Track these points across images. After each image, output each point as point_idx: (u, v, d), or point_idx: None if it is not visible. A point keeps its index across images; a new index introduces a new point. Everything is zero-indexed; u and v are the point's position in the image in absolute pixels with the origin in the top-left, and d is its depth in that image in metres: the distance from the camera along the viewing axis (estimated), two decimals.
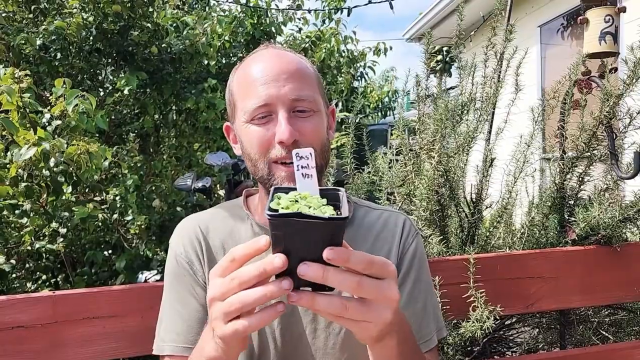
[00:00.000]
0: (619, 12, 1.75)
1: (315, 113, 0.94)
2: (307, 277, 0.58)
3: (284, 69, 0.92)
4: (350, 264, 0.59)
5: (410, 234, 1.06)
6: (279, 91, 0.90)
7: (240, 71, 0.99)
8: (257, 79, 0.92)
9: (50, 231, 2.07)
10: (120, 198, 2.15)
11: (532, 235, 1.77)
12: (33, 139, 1.44)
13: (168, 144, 3.69)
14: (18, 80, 1.54)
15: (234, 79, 1.01)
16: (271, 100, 0.90)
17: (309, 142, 0.91)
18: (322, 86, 1.02)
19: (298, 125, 0.91)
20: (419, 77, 1.91)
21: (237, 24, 3.68)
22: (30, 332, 1.19)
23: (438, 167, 1.63)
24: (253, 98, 0.91)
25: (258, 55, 0.99)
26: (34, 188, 1.65)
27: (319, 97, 0.97)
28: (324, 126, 0.98)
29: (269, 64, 0.94)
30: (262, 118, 0.91)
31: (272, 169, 0.92)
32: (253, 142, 0.93)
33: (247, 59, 1.00)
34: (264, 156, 0.92)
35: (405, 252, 1.04)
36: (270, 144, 0.91)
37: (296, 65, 0.95)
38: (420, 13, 7.59)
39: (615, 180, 1.71)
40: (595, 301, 1.62)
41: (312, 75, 0.98)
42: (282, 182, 0.91)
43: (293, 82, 0.92)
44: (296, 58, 0.98)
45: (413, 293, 1.02)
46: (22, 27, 2.69)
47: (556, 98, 1.74)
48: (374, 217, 1.07)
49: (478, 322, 1.38)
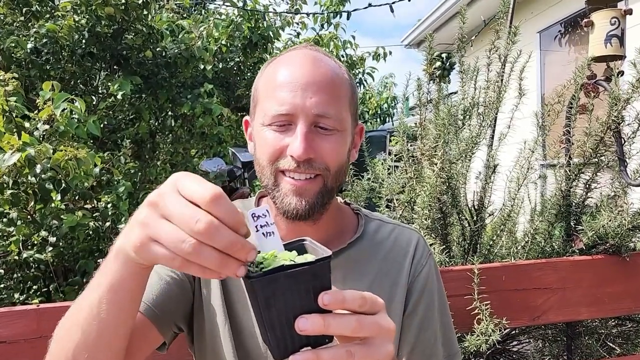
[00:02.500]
0: (625, 15, 1.71)
1: (339, 132, 0.87)
2: (307, 332, 0.53)
3: (315, 79, 0.85)
4: (346, 304, 0.55)
5: (423, 256, 1.00)
6: (304, 102, 0.83)
7: (271, 68, 0.91)
8: (285, 83, 0.85)
9: (39, 240, 2.00)
10: (112, 205, 2.09)
11: (537, 244, 1.71)
12: (17, 144, 1.38)
13: (164, 150, 3.64)
14: (4, 83, 1.48)
15: (263, 74, 0.93)
16: (294, 110, 0.83)
17: (324, 162, 0.85)
18: (356, 102, 0.94)
19: (316, 142, 0.84)
20: (420, 82, 1.86)
21: (234, 28, 3.64)
22: (13, 348, 1.13)
23: (440, 173, 1.58)
24: (276, 103, 0.84)
25: (294, 55, 0.90)
26: (20, 195, 1.59)
27: (347, 114, 0.89)
28: (346, 147, 0.90)
29: (301, 69, 0.86)
30: (281, 126, 0.85)
31: (278, 179, 0.87)
32: (265, 147, 0.86)
33: (282, 56, 0.93)
34: (272, 164, 0.86)
35: (417, 276, 0.98)
36: (282, 152, 0.85)
37: (330, 77, 0.87)
38: (419, 20, 7.59)
39: (623, 187, 1.66)
40: (604, 313, 1.57)
41: (346, 89, 0.90)
42: (285, 195, 0.86)
43: (322, 95, 0.84)
44: (333, 67, 0.89)
45: (424, 321, 0.97)
46: (12, 30, 2.64)
47: (561, 102, 1.69)
48: (386, 232, 1.01)
49: (483, 335, 1.33)
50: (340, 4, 4.41)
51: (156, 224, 0.53)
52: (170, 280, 0.89)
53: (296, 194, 0.85)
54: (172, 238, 0.51)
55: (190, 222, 0.50)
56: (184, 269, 0.52)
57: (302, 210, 0.86)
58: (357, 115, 0.96)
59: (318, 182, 0.86)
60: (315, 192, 0.86)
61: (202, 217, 0.50)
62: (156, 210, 0.53)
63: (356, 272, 0.95)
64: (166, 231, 0.52)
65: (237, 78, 3.79)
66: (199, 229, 0.49)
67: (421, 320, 0.97)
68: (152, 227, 0.53)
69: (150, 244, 0.54)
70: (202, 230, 0.49)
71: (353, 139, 0.94)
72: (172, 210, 0.52)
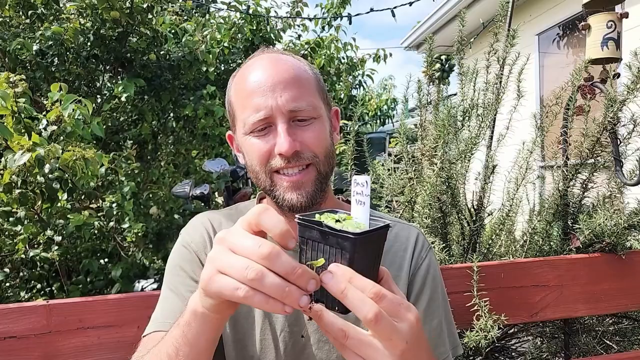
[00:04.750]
0: (621, 18, 1.74)
1: (316, 119, 0.92)
2: (328, 286, 0.56)
3: (280, 78, 0.90)
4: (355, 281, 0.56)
5: (424, 249, 1.04)
6: (276, 102, 0.88)
7: (238, 80, 0.96)
8: (254, 90, 0.90)
9: (44, 239, 2.03)
10: (117, 205, 2.12)
11: (535, 243, 1.74)
12: (27, 145, 1.41)
13: (166, 151, 3.67)
14: (13, 84, 1.51)
15: (231, 88, 0.98)
16: (269, 112, 0.88)
17: (311, 150, 0.90)
18: (324, 88, 1.00)
19: (298, 134, 0.89)
20: (420, 83, 1.89)
21: (237, 31, 3.68)
22: (23, 343, 1.16)
23: (440, 173, 1.61)
24: (251, 111, 0.89)
25: (255, 62, 0.95)
26: (28, 195, 1.62)
27: (319, 102, 0.94)
28: (327, 131, 0.95)
29: (265, 73, 0.91)
30: (262, 130, 0.90)
31: (274, 179, 0.91)
32: (254, 153, 0.92)
33: (244, 67, 0.98)
34: (264, 166, 0.91)
35: (418, 269, 1.02)
36: (271, 154, 0.90)
37: (293, 72, 0.92)
38: (418, 22, 7.62)
39: (619, 186, 1.69)
40: (600, 310, 1.59)
41: (310, 79, 0.95)
42: (285, 192, 0.90)
43: (290, 90, 0.89)
44: (293, 63, 0.95)
45: (427, 312, 1.00)
46: (18, 33, 2.67)
47: (559, 104, 1.72)
48: None
49: (482, 331, 1.35)
50: (341, 6, 4.45)
51: (222, 256, 0.56)
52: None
53: (294, 189, 0.90)
54: (236, 266, 0.54)
55: (253, 250, 0.53)
56: (248, 301, 0.54)
57: (304, 201, 0.91)
58: (329, 100, 1.01)
59: (311, 171, 0.91)
60: (312, 180, 0.91)
61: (264, 244, 0.53)
62: (223, 245, 0.57)
63: None
64: (231, 262, 0.55)
65: None
66: (262, 253, 0.53)
67: (425, 310, 1.00)
68: (218, 260, 0.57)
69: (217, 276, 0.57)
70: (265, 255, 0.53)
71: (331, 123, 0.99)
72: (236, 243, 0.56)
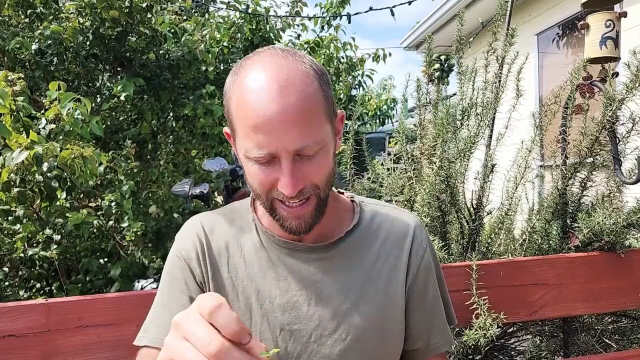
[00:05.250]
0: (619, 17, 1.75)
1: (322, 149, 0.85)
2: None
3: (287, 116, 0.79)
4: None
5: (423, 238, 1.04)
6: (281, 141, 0.80)
7: (239, 94, 0.84)
8: (258, 125, 0.80)
9: (43, 238, 2.03)
10: (116, 204, 2.12)
11: (534, 242, 1.75)
12: (25, 143, 1.41)
13: (165, 150, 3.67)
14: (11, 83, 1.51)
15: (232, 97, 0.86)
16: (274, 151, 0.81)
17: (313, 183, 0.86)
18: (330, 97, 0.89)
19: (303, 170, 0.84)
20: (420, 82, 1.89)
21: (236, 30, 3.68)
22: (22, 341, 1.16)
23: (439, 172, 1.61)
24: (253, 145, 0.81)
25: (258, 80, 0.82)
26: (27, 193, 1.62)
27: (326, 126, 0.86)
28: (330, 156, 0.88)
29: (271, 105, 0.79)
30: (264, 162, 0.84)
31: (274, 206, 0.89)
32: (255, 180, 0.86)
33: (247, 76, 0.84)
34: (265, 193, 0.87)
35: (421, 258, 1.02)
36: (273, 186, 0.85)
37: (302, 105, 0.80)
38: (418, 22, 7.63)
39: (618, 185, 1.69)
40: (599, 309, 1.60)
41: (318, 103, 0.84)
42: (284, 220, 0.89)
43: (298, 128, 0.80)
44: (301, 85, 0.81)
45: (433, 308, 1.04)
46: (17, 32, 2.67)
47: (558, 103, 1.72)
48: (382, 217, 1.04)
49: (481, 329, 1.35)
50: (340, 6, 4.45)
51: (176, 344, 0.55)
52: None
53: (295, 219, 0.88)
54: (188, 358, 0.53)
55: (203, 345, 0.52)
56: None
57: (303, 229, 0.90)
58: (334, 104, 0.93)
59: (311, 202, 0.88)
60: (311, 211, 0.89)
61: (213, 340, 0.52)
62: (178, 333, 0.56)
63: (356, 259, 0.98)
64: (183, 352, 0.54)
65: None
66: (210, 352, 0.51)
67: (430, 308, 1.02)
68: (173, 348, 0.56)
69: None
70: (213, 353, 0.51)
71: (334, 130, 0.91)
72: (189, 332, 0.54)
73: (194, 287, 0.95)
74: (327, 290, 0.94)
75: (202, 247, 0.97)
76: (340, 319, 0.94)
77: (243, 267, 0.96)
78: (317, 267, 0.95)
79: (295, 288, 0.94)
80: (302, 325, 0.93)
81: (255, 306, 0.94)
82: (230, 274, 0.95)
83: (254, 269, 0.95)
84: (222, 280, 0.95)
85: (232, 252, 0.97)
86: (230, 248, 0.98)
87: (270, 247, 0.97)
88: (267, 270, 0.95)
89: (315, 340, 0.93)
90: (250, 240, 0.98)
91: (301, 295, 0.94)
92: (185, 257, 0.96)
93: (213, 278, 0.95)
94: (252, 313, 0.94)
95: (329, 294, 0.94)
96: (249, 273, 0.95)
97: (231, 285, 0.95)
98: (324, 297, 0.94)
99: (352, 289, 0.95)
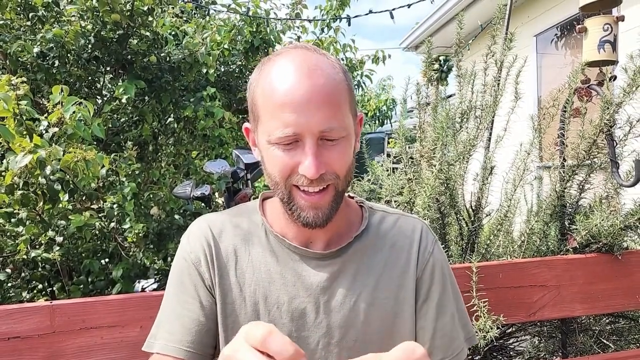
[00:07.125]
0: (617, 21, 1.76)
1: (344, 138, 0.87)
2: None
3: (315, 95, 0.82)
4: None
5: (429, 242, 1.02)
6: (308, 122, 0.82)
7: (267, 79, 0.87)
8: (285, 103, 0.82)
9: (46, 240, 2.04)
10: (118, 206, 2.13)
11: (533, 244, 1.76)
12: (29, 146, 1.42)
13: (166, 152, 3.68)
14: (14, 87, 1.52)
15: (259, 84, 0.89)
16: (299, 130, 0.82)
17: (334, 171, 0.87)
18: (353, 96, 0.92)
19: (325, 155, 0.85)
20: (419, 85, 1.91)
21: (236, 33, 3.69)
22: (27, 343, 1.17)
23: (439, 175, 1.63)
24: (279, 124, 0.83)
25: (288, 65, 0.85)
26: (30, 196, 1.63)
27: (349, 117, 0.89)
28: (351, 149, 0.90)
29: (299, 85, 0.82)
30: (288, 144, 0.84)
31: (292, 194, 0.89)
32: (276, 166, 0.87)
33: (275, 65, 0.87)
34: (285, 180, 0.87)
35: (426, 263, 1.00)
36: (294, 170, 0.85)
37: (329, 88, 0.84)
38: (417, 23, 7.64)
39: (615, 188, 1.71)
40: (597, 310, 1.61)
41: (344, 92, 0.88)
42: (302, 210, 0.88)
43: (324, 110, 0.82)
44: (330, 73, 0.86)
45: (440, 307, 0.99)
46: (19, 35, 2.68)
47: (556, 106, 1.74)
48: (390, 222, 1.04)
49: (481, 331, 1.37)
50: (340, 8, 4.46)
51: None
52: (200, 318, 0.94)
53: (312, 208, 0.88)
54: None
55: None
56: None
57: (319, 221, 0.89)
58: (356, 106, 0.94)
59: (330, 191, 0.88)
60: (329, 201, 0.89)
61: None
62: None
63: (365, 264, 0.98)
64: None
65: (238, 81, 3.84)
66: None
67: (437, 305, 0.99)
68: None
69: None
70: None
71: (355, 134, 0.94)
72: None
73: (204, 292, 0.95)
74: (336, 298, 0.94)
75: (210, 250, 0.96)
76: (349, 327, 0.93)
77: (251, 272, 0.95)
78: (327, 274, 0.94)
79: (303, 295, 0.93)
80: (310, 333, 0.93)
81: (263, 312, 0.93)
82: (238, 278, 0.95)
83: (262, 274, 0.95)
84: (229, 285, 0.94)
85: (240, 256, 0.96)
86: (239, 252, 0.96)
87: (280, 252, 0.96)
88: (276, 276, 0.95)
89: (323, 347, 0.93)
90: (259, 244, 0.97)
91: (309, 302, 0.93)
92: (194, 261, 0.96)
93: (220, 282, 0.94)
94: (260, 319, 0.93)
95: (338, 302, 0.94)
96: (257, 278, 0.95)
97: (239, 290, 0.94)
98: (333, 305, 0.94)
99: (362, 296, 0.95)
